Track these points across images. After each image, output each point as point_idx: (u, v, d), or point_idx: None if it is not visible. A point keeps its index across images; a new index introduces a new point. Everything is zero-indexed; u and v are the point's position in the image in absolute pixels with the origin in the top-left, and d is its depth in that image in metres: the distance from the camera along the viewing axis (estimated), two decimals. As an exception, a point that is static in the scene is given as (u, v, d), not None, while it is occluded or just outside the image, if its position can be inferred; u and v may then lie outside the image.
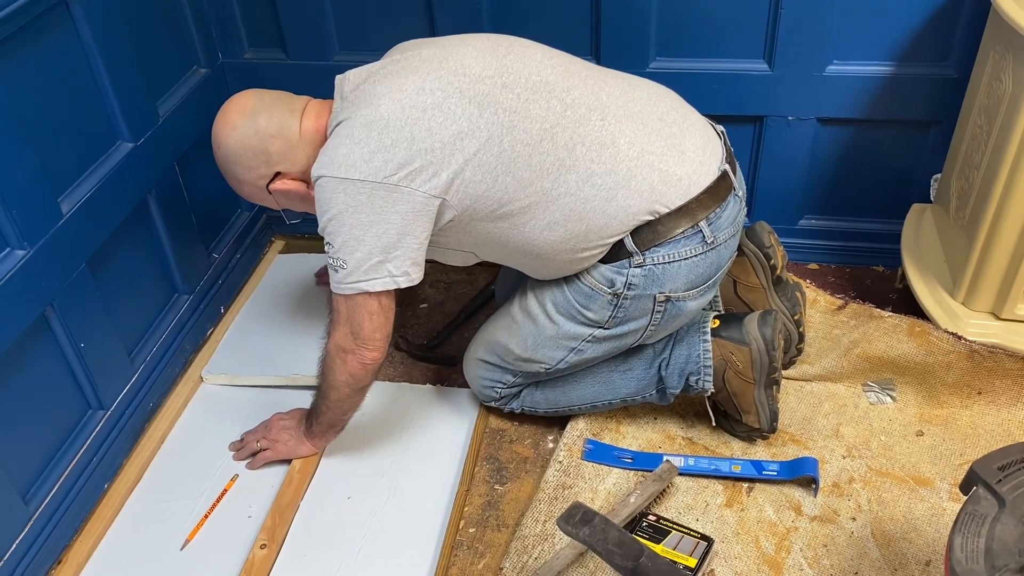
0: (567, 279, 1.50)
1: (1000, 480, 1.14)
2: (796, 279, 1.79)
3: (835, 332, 1.81)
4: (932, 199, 1.88)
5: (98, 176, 1.58)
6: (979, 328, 1.65)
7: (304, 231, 2.27)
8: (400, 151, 1.31)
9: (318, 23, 1.91)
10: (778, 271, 1.69)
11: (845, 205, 2.01)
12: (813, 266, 2.09)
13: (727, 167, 1.47)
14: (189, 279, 1.90)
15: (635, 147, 1.39)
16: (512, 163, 1.36)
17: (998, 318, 1.65)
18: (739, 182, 1.50)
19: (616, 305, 1.46)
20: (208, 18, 1.93)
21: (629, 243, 1.41)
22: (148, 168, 1.73)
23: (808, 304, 1.85)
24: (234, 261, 2.09)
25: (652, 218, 1.40)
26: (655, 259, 1.41)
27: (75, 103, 1.54)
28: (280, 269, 2.20)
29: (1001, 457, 1.17)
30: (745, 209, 1.54)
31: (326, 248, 1.38)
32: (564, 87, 1.40)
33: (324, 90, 1.99)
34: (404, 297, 2.12)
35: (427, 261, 2.21)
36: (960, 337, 1.64)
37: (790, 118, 1.87)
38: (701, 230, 1.42)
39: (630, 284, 1.44)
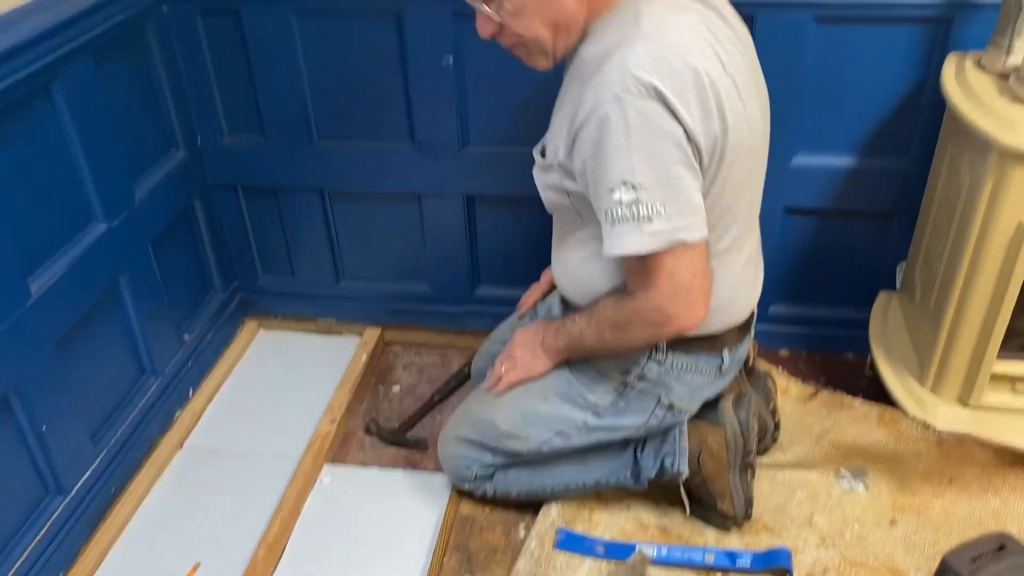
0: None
1: (973, 572, 1.14)
2: (768, 367, 1.80)
3: (807, 420, 1.81)
4: (898, 287, 1.92)
5: (70, 257, 1.58)
6: (948, 416, 1.66)
7: (279, 311, 2.26)
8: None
9: (298, 109, 1.95)
10: (750, 361, 1.70)
11: (814, 292, 2.04)
12: (784, 352, 2.10)
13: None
14: (158, 361, 1.88)
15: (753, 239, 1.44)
16: (737, 200, 1.31)
17: (966, 406, 1.66)
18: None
19: (620, 393, 1.45)
20: (188, 102, 1.96)
21: None
22: (121, 250, 1.73)
23: (780, 392, 1.86)
24: (205, 342, 2.08)
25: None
26: (675, 362, 1.40)
27: (50, 183, 1.55)
28: (264, 346, 2.22)
29: (973, 548, 1.17)
30: None
31: (621, 195, 1.15)
32: (761, 165, 1.37)
33: (303, 176, 2.04)
34: (376, 379, 2.11)
35: (405, 344, 2.23)
36: (928, 425, 1.65)
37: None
38: (723, 357, 1.42)
39: (643, 375, 1.42)
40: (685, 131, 1.16)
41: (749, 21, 1.64)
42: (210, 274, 2.12)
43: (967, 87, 1.51)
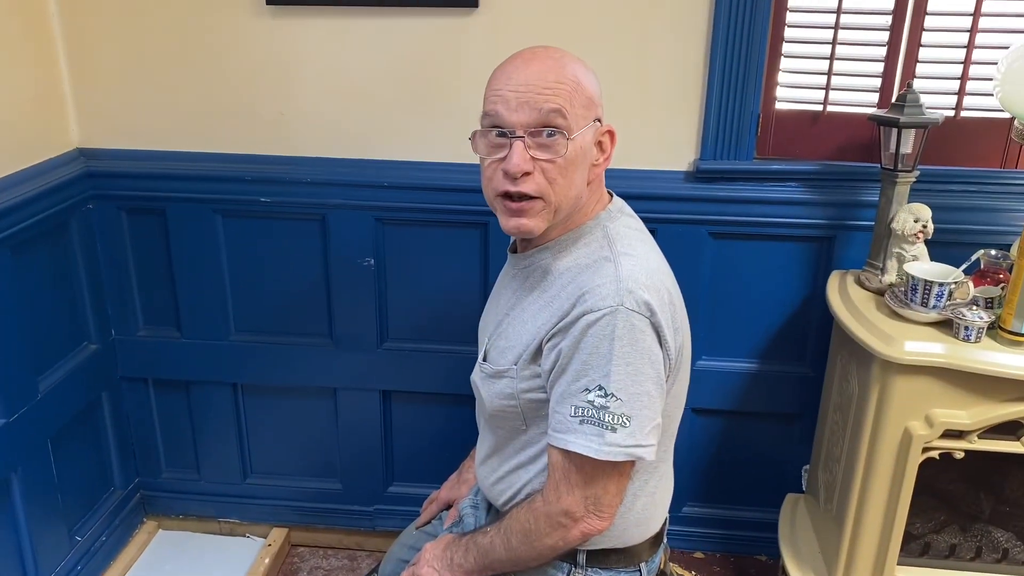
0: None
1: None
2: (680, 572, 1.79)
3: (721, 626, 1.78)
4: (804, 489, 1.96)
5: (-41, 454, 1.51)
6: (857, 623, 1.65)
7: (180, 510, 2.17)
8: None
9: (217, 304, 1.97)
10: (662, 565, 1.69)
11: (725, 494, 2.07)
12: (699, 555, 2.09)
13: None
14: (43, 565, 1.76)
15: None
16: (676, 411, 1.31)
17: (874, 612, 1.66)
18: None
19: None
20: (106, 295, 1.97)
21: (581, 553, 1.34)
22: (17, 445, 1.66)
23: (693, 596, 1.83)
24: (98, 544, 1.96)
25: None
26: None
27: (-52, 378, 1.51)
28: (161, 548, 2.10)
29: None
30: None
31: (594, 397, 1.16)
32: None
33: (217, 370, 2.03)
34: (280, 585, 2.00)
35: (312, 547, 2.14)
36: (840, 633, 1.64)
37: (667, 408, 1.97)
38: (640, 570, 1.39)
39: None
40: (664, 352, 1.20)
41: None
42: (110, 470, 2.04)
43: (849, 302, 1.63)
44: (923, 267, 1.57)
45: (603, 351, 1.15)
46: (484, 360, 1.34)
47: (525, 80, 1.16)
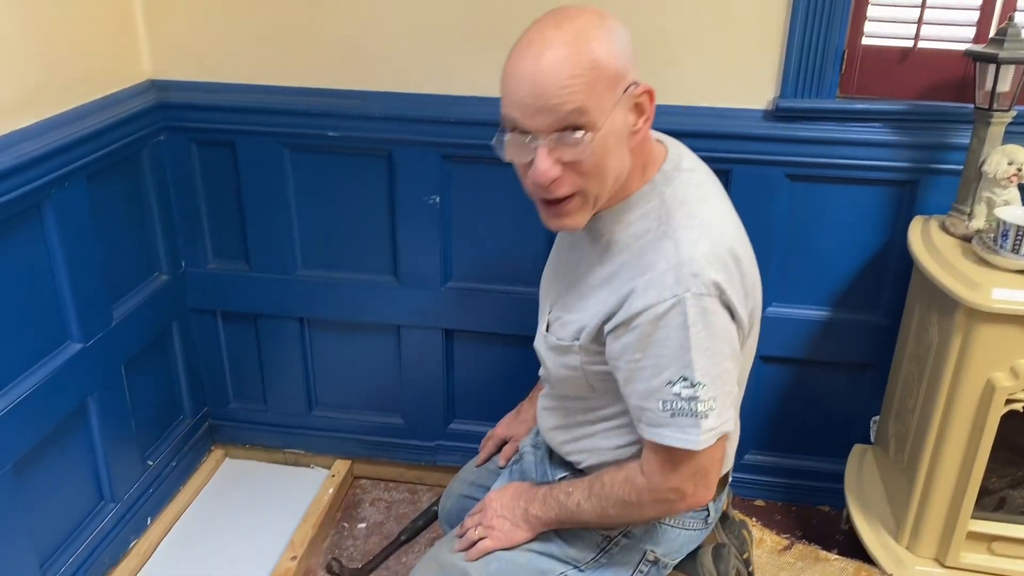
0: None
1: None
2: (742, 517, 1.77)
3: (781, 574, 1.76)
4: (873, 440, 1.92)
5: (39, 376, 1.56)
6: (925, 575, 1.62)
7: (247, 439, 2.22)
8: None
9: (284, 238, 1.98)
10: (724, 507, 1.67)
11: (790, 442, 2.04)
12: (759, 502, 2.08)
13: None
14: (118, 487, 1.83)
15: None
16: (747, 366, 1.28)
17: (943, 565, 1.63)
18: None
19: (604, 549, 1.39)
20: (176, 227, 1.99)
21: None
22: (94, 370, 1.71)
23: (754, 543, 1.82)
24: (168, 469, 2.02)
25: None
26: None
27: (29, 301, 1.55)
28: (229, 475, 2.16)
29: None
30: None
31: (680, 389, 1.13)
32: None
33: (284, 303, 2.05)
34: (342, 515, 2.05)
35: (374, 479, 2.19)
36: (906, 585, 1.61)
37: (733, 354, 1.93)
38: (708, 509, 1.38)
39: (628, 531, 1.38)
40: (737, 325, 1.17)
41: (724, 175, 1.72)
42: (180, 399, 2.09)
43: (933, 248, 1.57)
44: (1016, 212, 1.50)
45: (679, 341, 1.12)
46: (547, 331, 1.32)
47: (537, 81, 1.07)
